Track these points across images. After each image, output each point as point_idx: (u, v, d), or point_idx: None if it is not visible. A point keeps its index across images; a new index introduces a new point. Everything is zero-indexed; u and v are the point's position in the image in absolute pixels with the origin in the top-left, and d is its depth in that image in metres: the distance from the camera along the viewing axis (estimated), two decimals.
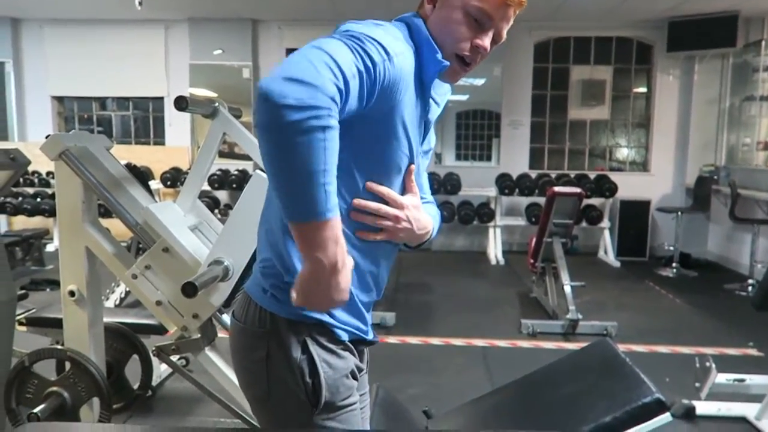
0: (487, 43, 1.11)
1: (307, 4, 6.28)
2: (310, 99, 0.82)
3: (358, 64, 0.91)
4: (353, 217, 1.08)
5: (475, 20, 1.09)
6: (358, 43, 0.94)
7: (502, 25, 1.12)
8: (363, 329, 1.19)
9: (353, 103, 0.92)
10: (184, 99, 1.92)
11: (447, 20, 1.10)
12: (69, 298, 2.17)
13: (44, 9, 6.77)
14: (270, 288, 1.10)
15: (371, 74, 0.93)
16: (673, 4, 6.05)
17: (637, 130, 7.38)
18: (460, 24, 1.09)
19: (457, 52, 1.10)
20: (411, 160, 1.12)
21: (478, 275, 6.02)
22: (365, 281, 1.16)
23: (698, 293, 5.34)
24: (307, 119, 0.82)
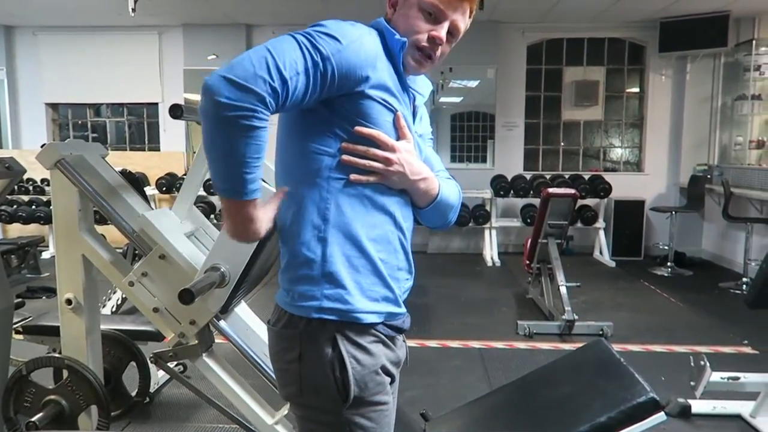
0: (442, 34, 1.19)
1: (300, 8, 6.30)
2: (239, 100, 0.96)
3: (305, 62, 1.02)
4: (345, 161, 1.13)
5: (429, 14, 1.18)
6: (309, 39, 1.04)
7: (458, 18, 1.20)
8: (391, 298, 1.20)
9: (307, 95, 1.04)
10: (179, 107, 1.93)
11: (405, 17, 1.19)
12: (66, 306, 2.17)
13: (38, 16, 6.77)
14: (289, 284, 1.18)
15: (321, 67, 1.04)
16: (664, 5, 6.09)
17: (631, 130, 7.42)
18: (417, 19, 1.19)
19: (415, 43, 1.19)
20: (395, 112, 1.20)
21: (474, 277, 6.03)
22: (387, 238, 1.18)
23: (693, 292, 5.37)
24: (234, 117, 0.96)
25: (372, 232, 1.16)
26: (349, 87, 1.09)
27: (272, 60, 0.99)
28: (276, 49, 1.00)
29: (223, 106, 0.96)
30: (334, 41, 1.06)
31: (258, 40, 7.18)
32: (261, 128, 0.99)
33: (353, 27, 1.12)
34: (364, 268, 1.16)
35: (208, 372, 2.09)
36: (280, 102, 1.00)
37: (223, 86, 0.96)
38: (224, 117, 0.96)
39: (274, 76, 0.98)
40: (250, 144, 0.99)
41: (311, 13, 6.46)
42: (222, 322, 2.07)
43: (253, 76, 0.96)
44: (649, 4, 6.06)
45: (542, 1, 6.07)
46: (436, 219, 1.32)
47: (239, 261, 1.87)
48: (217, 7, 6.33)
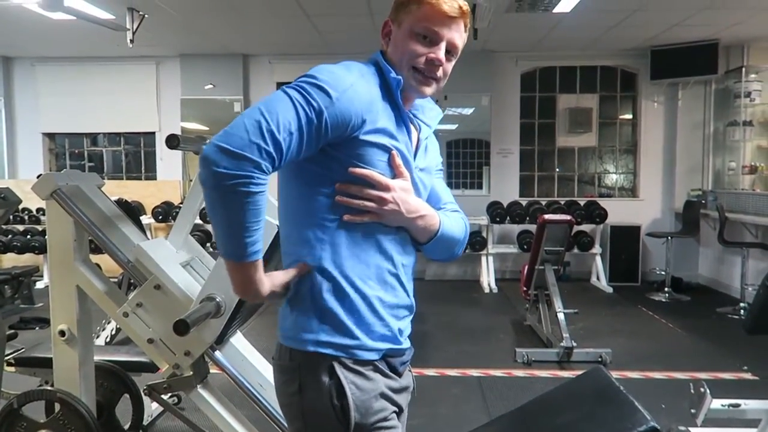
0: (441, 55, 1.21)
1: (296, 38, 6.38)
2: (236, 169, 0.99)
3: (299, 120, 1.05)
4: (339, 201, 1.15)
5: (424, 37, 1.20)
6: (302, 94, 1.07)
7: (453, 36, 1.22)
8: (388, 336, 1.21)
9: (302, 150, 1.08)
10: (175, 137, 1.94)
11: (400, 45, 1.22)
12: (59, 337, 2.15)
13: (36, 47, 6.84)
14: (287, 319, 1.20)
15: (315, 122, 1.07)
16: (654, 34, 6.20)
17: (625, 156, 7.48)
18: (413, 44, 1.21)
19: (414, 66, 1.21)
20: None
21: (471, 304, 6.00)
22: (383, 278, 1.20)
23: (691, 317, 5.35)
24: (232, 185, 1.00)
25: (368, 271, 1.18)
26: (344, 134, 1.12)
27: (265, 123, 1.02)
28: (269, 111, 1.03)
29: (221, 176, 0.99)
30: (327, 93, 1.08)
31: (255, 70, 7.26)
32: (259, 193, 1.03)
33: (347, 72, 1.14)
34: (360, 307, 1.17)
35: (202, 404, 2.06)
36: (276, 163, 1.04)
37: (219, 156, 0.99)
38: (223, 186, 1.00)
39: (268, 141, 1.01)
40: (248, 210, 1.03)
41: (307, 44, 6.55)
42: (217, 353, 2.05)
43: (248, 144, 1.00)
44: (639, 32, 6.16)
45: (534, 31, 6.17)
46: (440, 253, 1.33)
47: None
48: (214, 38, 6.41)
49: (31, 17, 5.23)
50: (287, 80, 7.37)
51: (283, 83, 7.09)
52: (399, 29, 1.23)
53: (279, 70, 7.24)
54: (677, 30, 6.00)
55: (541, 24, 5.85)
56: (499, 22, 5.60)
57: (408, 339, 1.30)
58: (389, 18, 1.27)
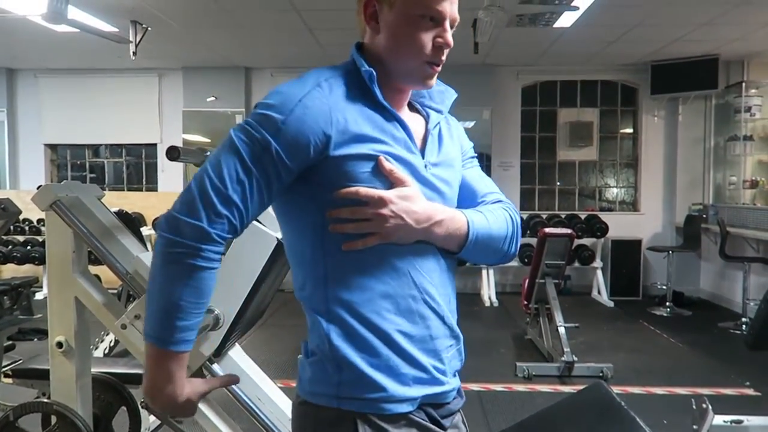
0: (449, 38, 1.03)
1: (298, 51, 6.41)
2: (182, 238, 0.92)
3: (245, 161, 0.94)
4: (332, 230, 0.98)
5: (430, 18, 1.01)
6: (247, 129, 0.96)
7: (454, 9, 1.03)
8: (424, 379, 1.00)
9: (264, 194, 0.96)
10: (175, 149, 1.94)
11: (402, 33, 1.02)
12: (56, 349, 2.13)
13: (39, 59, 6.88)
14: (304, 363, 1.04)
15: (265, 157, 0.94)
16: (654, 49, 6.23)
17: (626, 170, 7.49)
18: (416, 29, 1.01)
19: (424, 58, 1.03)
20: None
21: (472, 317, 5.98)
22: (405, 307, 0.99)
23: (693, 332, 5.32)
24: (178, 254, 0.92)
25: (383, 302, 0.98)
26: (311, 157, 0.96)
27: (209, 181, 0.93)
28: (214, 165, 0.95)
29: (166, 242, 0.93)
30: (272, 119, 0.95)
31: (257, 82, 7.30)
32: (206, 270, 0.93)
33: (299, 86, 1.00)
34: (380, 349, 0.97)
35: (200, 417, 2.04)
36: (236, 222, 0.94)
37: (167, 223, 0.94)
38: (168, 254, 0.93)
39: (216, 202, 0.92)
40: (189, 287, 0.93)
41: (309, 57, 6.58)
42: (215, 366, 2.03)
43: (196, 210, 0.93)
44: (639, 47, 6.19)
45: (535, 45, 6.20)
46: (485, 257, 1.13)
47: (234, 303, 1.85)
48: (217, 51, 6.44)
49: (35, 29, 5.26)
50: None
51: None
52: (391, 11, 1.02)
53: (281, 83, 7.25)
54: (677, 45, 6.03)
55: (541, 38, 5.88)
56: (500, 37, 5.63)
57: (456, 376, 1.08)
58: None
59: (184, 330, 0.94)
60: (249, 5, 4.84)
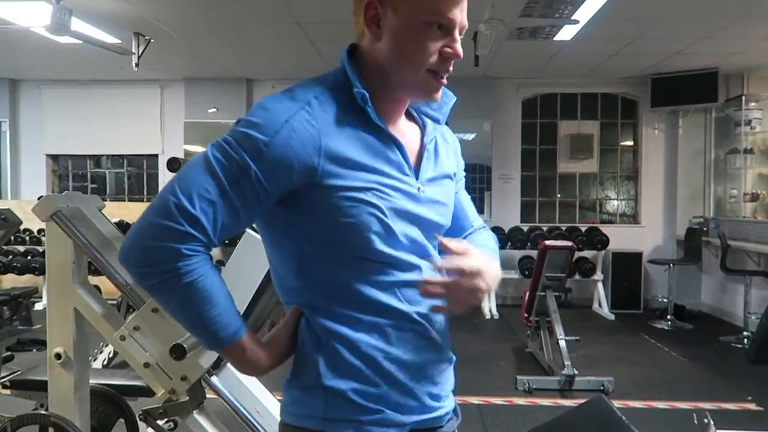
0: (459, 49, 0.95)
1: (299, 63, 6.45)
2: (154, 265, 0.87)
3: (219, 182, 0.88)
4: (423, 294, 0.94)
5: (438, 26, 0.93)
6: (224, 148, 0.90)
7: (463, 17, 0.96)
8: (414, 407, 0.97)
9: (240, 216, 0.90)
10: (176, 161, 1.94)
11: (407, 41, 0.94)
12: (55, 360, 2.13)
13: (43, 70, 6.92)
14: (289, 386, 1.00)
15: (244, 180, 0.88)
16: (654, 62, 6.26)
17: (626, 183, 7.49)
18: (424, 39, 0.93)
19: (430, 68, 0.95)
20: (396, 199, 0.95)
21: (472, 330, 5.95)
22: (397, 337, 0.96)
23: (694, 346, 5.30)
24: (161, 283, 0.88)
25: (373, 332, 0.95)
26: (293, 183, 0.90)
27: (174, 200, 0.86)
28: (181, 184, 0.88)
29: (143, 277, 0.88)
30: (255, 140, 0.88)
31: (258, 94, 7.33)
32: (195, 280, 0.87)
33: (288, 103, 0.92)
34: (372, 378, 0.94)
35: (198, 430, 2.03)
36: (204, 240, 0.87)
37: (130, 257, 0.88)
38: (152, 287, 0.89)
39: (181, 220, 0.85)
40: (195, 300, 0.88)
41: (310, 68, 6.59)
42: (214, 378, 2.02)
43: (159, 232, 0.85)
44: (639, 61, 6.22)
45: (535, 58, 6.23)
46: None
47: None
48: (219, 62, 6.48)
49: (39, 41, 5.30)
50: None
51: None
52: (396, 16, 0.93)
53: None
54: (677, 59, 6.06)
55: (542, 51, 5.91)
56: (500, 50, 5.66)
57: (451, 396, 1.07)
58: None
59: (224, 328, 0.92)
60: (251, 18, 4.87)
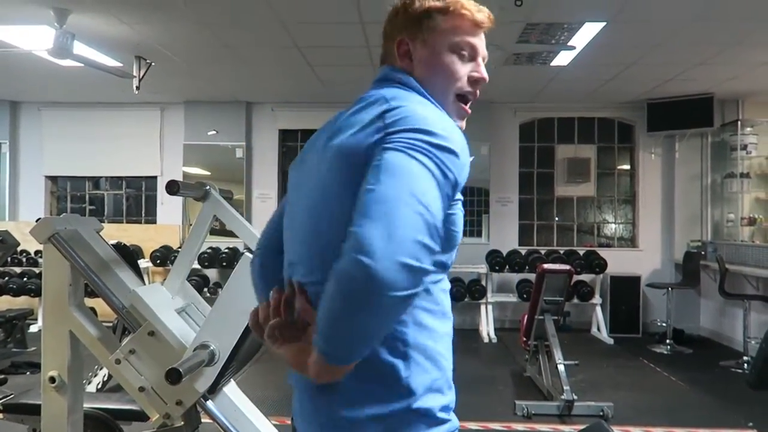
0: (485, 72, 1.09)
1: (299, 87, 6.51)
2: (414, 287, 0.82)
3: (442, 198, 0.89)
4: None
5: (462, 53, 1.07)
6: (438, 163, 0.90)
7: (485, 48, 1.10)
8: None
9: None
10: (175, 184, 1.95)
11: (436, 66, 1.06)
12: (49, 384, 2.10)
13: (44, 93, 6.97)
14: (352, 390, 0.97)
15: (451, 194, 0.93)
16: (650, 87, 6.33)
17: (624, 206, 7.51)
18: (452, 63, 1.06)
19: (459, 92, 1.08)
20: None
21: (470, 353, 5.91)
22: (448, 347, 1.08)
23: (694, 371, 5.26)
24: (402, 301, 0.83)
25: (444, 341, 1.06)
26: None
27: (430, 219, 0.84)
28: (424, 199, 0.85)
29: (398, 299, 0.81)
30: (456, 158, 0.93)
31: (257, 117, 7.37)
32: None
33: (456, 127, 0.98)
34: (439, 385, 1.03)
35: None
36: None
37: (398, 276, 0.80)
38: (391, 304, 0.82)
39: (435, 240, 0.85)
40: (390, 320, 0.88)
41: (309, 92, 6.68)
42: (209, 403, 2.00)
43: (422, 251, 0.82)
44: (634, 86, 6.29)
45: (533, 83, 6.30)
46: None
47: (230, 338, 1.84)
48: (219, 86, 6.53)
49: (40, 64, 5.34)
50: (289, 127, 7.51)
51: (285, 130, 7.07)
52: (425, 48, 1.06)
53: (281, 118, 7.36)
54: (672, 84, 6.13)
55: (539, 76, 5.98)
56: (497, 74, 5.72)
57: None
58: (404, 36, 1.08)
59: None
60: (252, 42, 4.93)
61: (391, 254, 0.79)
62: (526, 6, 3.79)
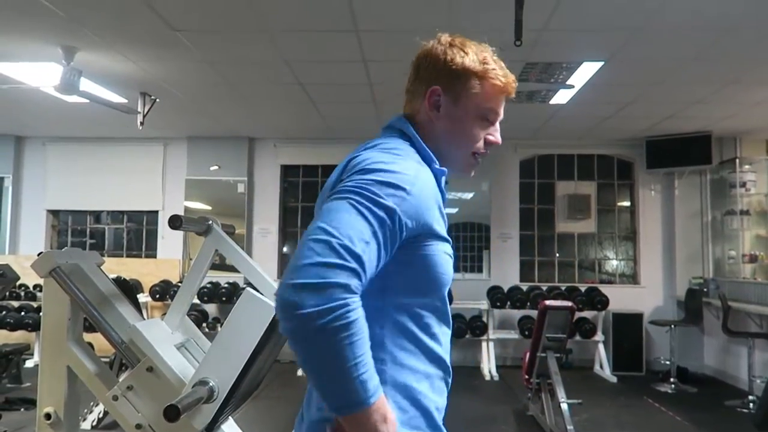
0: (499, 137, 1.19)
1: (301, 123, 6.58)
2: (326, 302, 0.84)
3: (372, 227, 0.92)
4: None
5: (486, 119, 1.16)
6: (369, 198, 0.94)
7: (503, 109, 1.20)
8: None
9: (382, 259, 0.94)
10: (178, 218, 1.96)
11: (458, 127, 1.15)
12: (44, 421, 2.07)
13: (49, 128, 7.04)
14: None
15: (389, 225, 0.95)
16: (648, 125, 6.40)
17: (625, 243, 7.51)
18: (473, 127, 1.15)
19: (475, 152, 1.18)
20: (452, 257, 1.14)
21: (472, 391, 5.82)
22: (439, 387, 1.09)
23: (699, 410, 5.17)
24: (327, 323, 0.84)
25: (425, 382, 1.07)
26: (415, 228, 1.00)
27: (335, 240, 0.88)
28: (333, 226, 0.90)
29: (310, 318, 0.84)
30: (396, 189, 0.97)
31: (259, 152, 7.43)
32: (359, 318, 0.87)
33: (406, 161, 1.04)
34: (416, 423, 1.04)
35: None
36: (362, 280, 0.90)
37: (298, 296, 0.84)
38: (316, 328, 0.84)
39: (346, 257, 0.87)
40: (354, 343, 0.87)
41: (311, 128, 6.75)
42: None
43: (326, 268, 0.86)
44: (633, 124, 6.36)
45: (532, 120, 6.37)
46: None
47: (230, 374, 1.82)
48: (222, 122, 6.61)
49: (46, 99, 5.42)
50: (291, 163, 7.57)
51: (286, 166, 7.12)
52: (455, 106, 1.14)
53: (283, 153, 7.43)
54: (671, 122, 6.20)
55: (538, 114, 6.05)
56: None
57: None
58: (438, 85, 1.14)
59: (371, 378, 0.89)
60: (255, 79, 5.01)
61: (288, 280, 0.86)
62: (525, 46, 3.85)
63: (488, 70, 1.13)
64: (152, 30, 3.84)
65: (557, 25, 3.70)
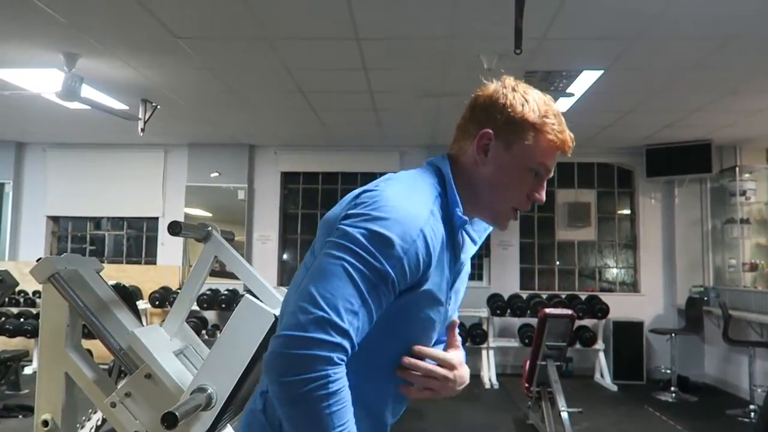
0: (544, 196, 1.11)
1: (302, 131, 6.59)
2: (307, 373, 0.87)
3: (361, 295, 0.91)
4: (399, 374, 1.06)
5: (535, 173, 1.08)
6: (364, 261, 0.92)
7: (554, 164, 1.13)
8: None
9: (372, 321, 0.94)
10: (177, 225, 1.96)
11: (504, 176, 1.07)
12: (42, 428, 2.06)
13: (49, 134, 7.06)
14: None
15: (383, 289, 0.94)
16: (648, 134, 6.41)
17: (625, 251, 7.50)
18: (520, 179, 1.07)
19: (516, 207, 1.10)
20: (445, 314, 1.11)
21: (471, 400, 5.80)
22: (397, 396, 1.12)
23: (700, 420, 5.15)
24: (307, 392, 0.87)
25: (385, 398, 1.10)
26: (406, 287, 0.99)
27: (324, 315, 0.88)
28: (324, 296, 0.90)
29: (292, 386, 0.87)
30: (393, 247, 0.93)
31: (260, 159, 7.44)
32: (341, 389, 0.90)
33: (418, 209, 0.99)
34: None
35: None
36: (349, 350, 0.91)
37: (281, 364, 0.88)
38: (299, 396, 0.88)
39: (332, 333, 0.88)
40: (335, 412, 0.89)
41: (312, 136, 6.76)
42: None
43: (310, 343, 0.87)
44: (633, 132, 6.37)
45: None
46: None
47: (228, 381, 1.81)
48: (223, 129, 6.62)
49: (47, 106, 5.43)
50: (291, 170, 7.57)
51: (287, 173, 7.10)
52: (507, 153, 1.06)
53: (283, 161, 7.43)
54: (670, 130, 6.21)
55: None
56: None
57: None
58: (491, 129, 1.07)
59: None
60: (256, 87, 5.02)
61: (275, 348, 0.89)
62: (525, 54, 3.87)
63: (546, 124, 1.08)
64: (153, 37, 3.85)
65: (557, 33, 3.71)
